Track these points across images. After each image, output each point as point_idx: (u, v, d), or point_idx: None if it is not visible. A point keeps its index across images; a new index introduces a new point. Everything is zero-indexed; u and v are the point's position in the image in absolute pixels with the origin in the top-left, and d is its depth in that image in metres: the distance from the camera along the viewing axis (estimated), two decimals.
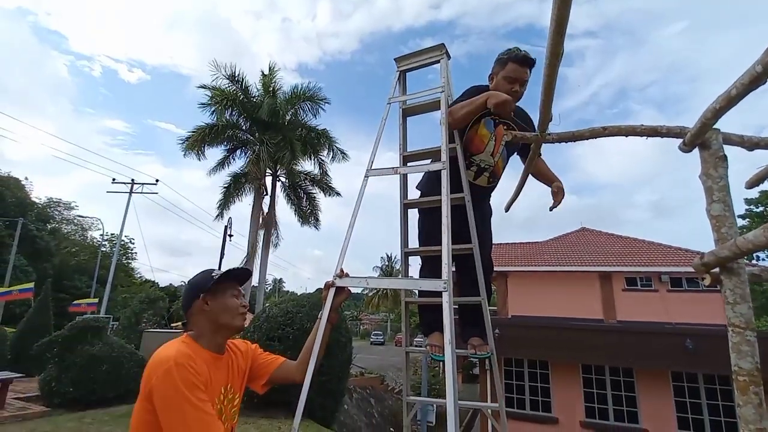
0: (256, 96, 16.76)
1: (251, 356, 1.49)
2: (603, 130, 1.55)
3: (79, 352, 6.86)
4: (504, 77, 2.16)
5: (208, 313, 1.30)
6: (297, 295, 9.78)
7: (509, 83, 2.14)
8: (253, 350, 1.52)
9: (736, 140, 1.45)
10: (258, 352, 1.53)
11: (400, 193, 2.36)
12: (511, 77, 2.14)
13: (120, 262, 24.48)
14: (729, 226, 1.30)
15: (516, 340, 10.43)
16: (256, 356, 1.51)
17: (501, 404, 2.20)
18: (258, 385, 1.50)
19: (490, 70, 2.30)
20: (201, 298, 1.30)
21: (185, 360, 1.13)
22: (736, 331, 1.25)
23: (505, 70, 2.15)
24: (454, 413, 1.25)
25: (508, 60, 2.15)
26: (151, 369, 1.13)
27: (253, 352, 1.52)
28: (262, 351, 1.56)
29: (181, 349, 1.18)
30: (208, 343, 1.29)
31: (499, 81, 2.18)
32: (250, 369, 1.47)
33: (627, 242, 16.59)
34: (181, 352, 1.17)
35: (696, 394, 9.62)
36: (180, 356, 1.14)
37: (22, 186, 35.52)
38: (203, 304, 1.30)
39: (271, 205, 17.53)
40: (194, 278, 1.37)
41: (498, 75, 2.20)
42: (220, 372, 1.28)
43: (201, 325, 1.31)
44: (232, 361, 1.37)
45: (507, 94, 2.11)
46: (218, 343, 1.32)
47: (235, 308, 1.34)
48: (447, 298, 1.50)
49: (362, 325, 61.15)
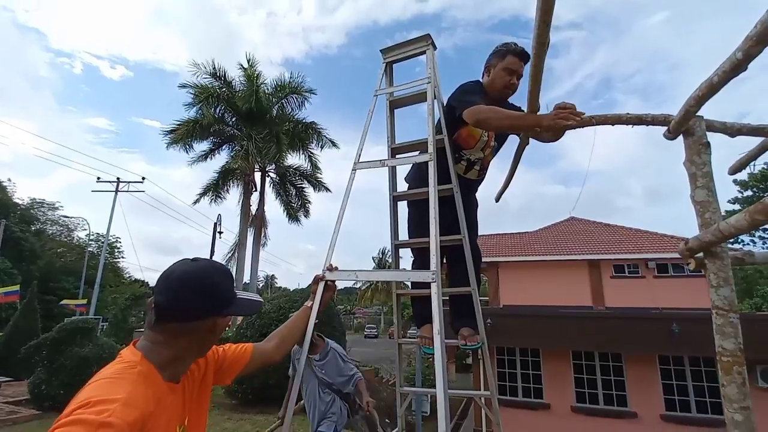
0: (240, 90, 16.55)
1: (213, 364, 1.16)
2: (590, 119, 1.56)
3: (68, 354, 6.78)
4: (503, 69, 2.18)
5: (204, 335, 0.96)
6: (290, 291, 9.76)
7: (508, 75, 2.17)
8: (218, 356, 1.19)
9: (718, 127, 1.48)
10: (223, 355, 1.21)
11: (389, 186, 2.36)
12: (511, 69, 2.17)
13: (107, 261, 24.14)
14: (712, 212, 1.32)
15: (508, 329, 10.55)
16: (221, 360, 1.19)
17: (493, 392, 2.23)
18: (226, 380, 1.23)
19: (484, 62, 2.30)
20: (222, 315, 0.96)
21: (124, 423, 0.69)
22: (720, 313, 1.28)
23: (505, 62, 2.17)
24: (444, 402, 1.26)
25: (507, 53, 2.18)
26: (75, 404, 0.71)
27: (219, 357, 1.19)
28: (225, 348, 1.24)
29: (133, 395, 0.76)
30: (168, 374, 0.91)
31: (497, 73, 2.20)
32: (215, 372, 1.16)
33: (615, 230, 16.85)
34: (129, 401, 0.73)
35: (682, 377, 9.87)
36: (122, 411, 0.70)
37: (3, 187, 34.70)
38: (213, 325, 0.96)
39: (260, 201, 17.41)
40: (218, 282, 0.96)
41: (496, 67, 2.21)
42: (175, 407, 0.92)
43: (179, 348, 0.92)
44: (188, 385, 1.00)
45: (505, 85, 2.18)
46: (180, 373, 0.96)
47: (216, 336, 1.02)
48: (435, 288, 1.51)
49: (356, 319, 61.29)
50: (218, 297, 0.95)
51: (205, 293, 0.93)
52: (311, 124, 17.33)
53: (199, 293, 0.92)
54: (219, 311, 0.95)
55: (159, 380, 0.87)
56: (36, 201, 39.00)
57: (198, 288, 0.92)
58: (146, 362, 0.86)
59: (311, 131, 17.30)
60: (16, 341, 9.17)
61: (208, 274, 0.95)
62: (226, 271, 1.01)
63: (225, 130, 17.08)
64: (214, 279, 0.95)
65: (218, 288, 0.95)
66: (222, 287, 0.97)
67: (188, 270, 0.94)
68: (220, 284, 0.96)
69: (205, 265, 0.98)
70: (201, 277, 0.94)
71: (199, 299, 0.92)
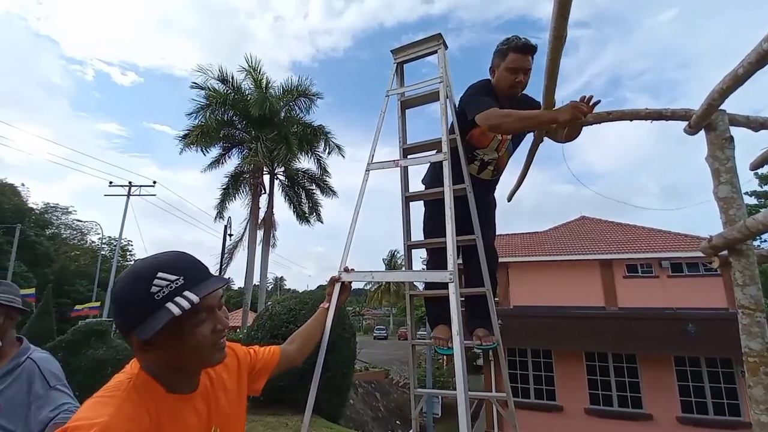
0: (248, 94, 16.68)
1: (248, 367, 1.13)
2: (607, 115, 1.53)
3: (83, 357, 6.84)
4: (506, 69, 2.06)
5: (157, 358, 0.81)
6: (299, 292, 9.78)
7: (512, 74, 2.05)
8: (251, 358, 1.16)
9: (741, 121, 1.44)
10: (255, 358, 1.17)
11: (401, 186, 2.34)
12: (513, 68, 2.04)
13: (119, 264, 24.46)
14: (737, 208, 1.29)
15: (518, 330, 10.48)
16: (254, 362, 1.16)
17: (508, 393, 2.21)
18: (258, 385, 1.18)
19: (490, 63, 2.22)
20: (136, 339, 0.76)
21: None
22: (746, 312, 1.25)
23: (507, 61, 2.05)
24: (465, 404, 1.24)
25: (508, 50, 2.05)
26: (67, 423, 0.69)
27: (252, 360, 1.16)
28: (257, 350, 1.21)
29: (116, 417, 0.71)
30: (173, 386, 0.83)
31: (501, 73, 2.10)
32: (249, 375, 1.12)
33: (627, 229, 16.61)
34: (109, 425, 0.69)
35: (699, 378, 9.70)
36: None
37: (18, 192, 35.36)
38: (142, 348, 0.79)
39: (269, 203, 17.51)
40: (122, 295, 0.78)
41: (499, 67, 2.10)
42: (194, 416, 0.86)
43: (164, 359, 0.81)
44: (212, 391, 0.93)
45: (511, 84, 2.07)
46: (189, 384, 0.88)
47: (205, 344, 0.82)
48: (453, 289, 1.49)
49: (365, 320, 61.27)
50: (121, 316, 0.77)
51: (116, 310, 0.78)
52: (319, 127, 17.40)
53: (115, 309, 0.79)
54: (127, 333, 0.76)
55: (160, 392, 0.81)
56: (50, 205, 39.71)
57: (113, 302, 0.79)
58: (143, 375, 0.81)
59: (319, 134, 17.38)
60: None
61: (119, 283, 0.79)
62: (136, 277, 0.78)
63: (234, 133, 17.23)
64: (117, 292, 0.78)
65: (119, 304, 0.78)
66: (121, 302, 0.77)
67: (117, 281, 0.81)
68: (119, 299, 0.77)
69: (125, 274, 0.81)
70: (116, 287, 0.80)
71: (118, 318, 0.78)
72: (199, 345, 0.80)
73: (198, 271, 0.82)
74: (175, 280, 0.77)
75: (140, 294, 0.75)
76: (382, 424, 13.32)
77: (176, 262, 0.81)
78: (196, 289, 0.78)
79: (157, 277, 0.76)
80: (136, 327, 0.74)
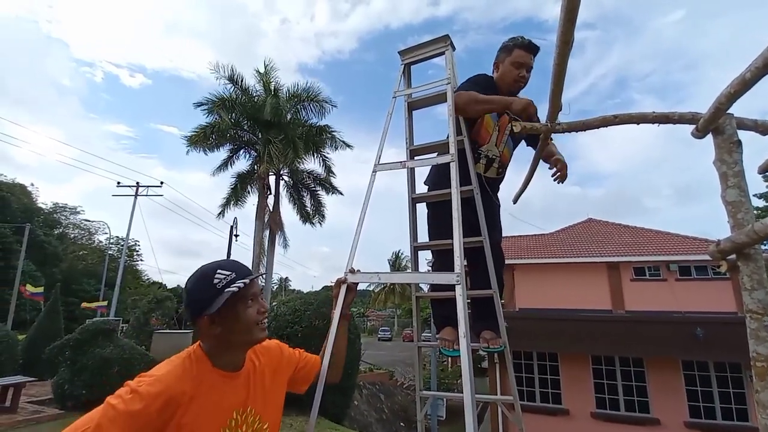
0: (257, 96, 16.80)
1: (293, 364, 1.33)
2: (614, 119, 1.53)
3: (90, 355, 6.92)
4: (511, 63, 2.21)
5: (218, 333, 1.04)
6: (304, 293, 9.82)
7: (516, 68, 2.20)
8: (297, 358, 1.36)
9: (749, 125, 1.43)
10: (305, 360, 1.38)
11: (408, 188, 2.35)
12: (519, 62, 2.19)
13: (127, 264, 24.68)
14: (745, 212, 1.28)
15: (524, 332, 10.41)
16: (302, 363, 1.36)
17: (515, 396, 2.20)
18: (303, 386, 1.38)
19: (494, 59, 2.34)
20: (206, 317, 1.02)
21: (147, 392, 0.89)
22: (755, 317, 1.24)
23: (512, 56, 2.21)
24: (472, 406, 1.25)
25: (514, 47, 2.21)
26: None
27: (298, 359, 1.35)
28: (302, 353, 1.40)
29: (168, 374, 0.96)
30: (221, 361, 1.06)
31: (506, 67, 2.24)
32: (295, 372, 1.32)
33: (634, 232, 16.49)
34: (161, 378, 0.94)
35: (707, 383, 9.59)
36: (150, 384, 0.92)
37: (27, 192, 35.83)
38: (209, 325, 1.03)
39: (275, 204, 17.58)
40: (193, 288, 1.05)
41: (504, 61, 2.25)
42: (232, 393, 1.06)
43: (210, 342, 1.06)
44: (253, 378, 1.13)
45: (515, 79, 2.22)
46: (234, 361, 1.10)
47: (252, 321, 1.07)
48: (460, 291, 1.50)
49: (369, 322, 61.24)
50: (195, 306, 1.03)
51: (188, 299, 1.05)
52: (325, 127, 17.46)
53: (186, 305, 1.06)
54: (198, 315, 1.02)
55: (207, 366, 1.03)
56: (59, 205, 40.20)
57: (186, 302, 1.06)
58: (199, 350, 1.06)
59: (325, 134, 17.44)
60: (41, 342, 9.42)
61: (190, 281, 1.07)
62: (203, 278, 1.05)
63: (241, 134, 17.35)
64: (192, 293, 1.05)
65: (196, 301, 1.03)
66: (197, 301, 1.03)
67: (188, 280, 1.09)
68: (197, 298, 1.03)
69: (194, 274, 1.08)
70: (186, 294, 1.06)
71: (188, 304, 1.05)
72: (248, 321, 1.06)
73: (243, 269, 1.09)
74: (230, 274, 1.04)
75: (206, 286, 1.02)
76: (386, 426, 13.30)
77: (229, 264, 1.09)
78: (244, 279, 1.04)
79: (217, 273, 1.04)
80: (205, 308, 1.00)
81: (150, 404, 0.88)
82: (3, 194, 31.49)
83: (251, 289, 1.07)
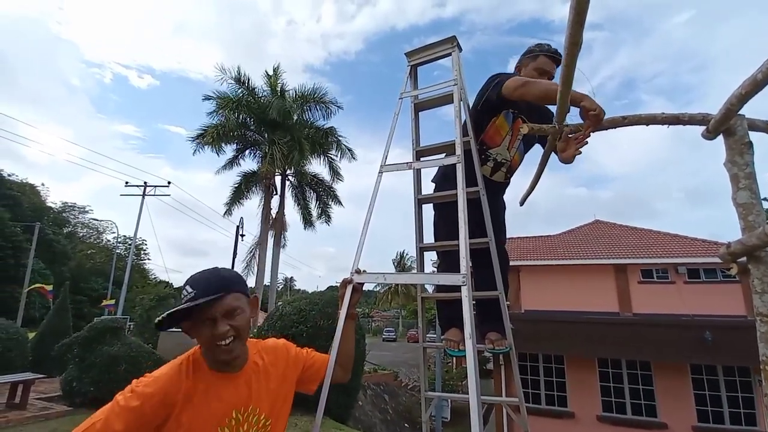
0: (263, 97, 16.87)
1: (300, 364, 1.33)
2: (623, 120, 1.52)
3: (98, 353, 6.98)
4: (535, 68, 2.22)
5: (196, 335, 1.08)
6: (309, 293, 9.84)
7: (539, 75, 2.20)
8: (305, 357, 1.36)
9: (761, 126, 1.42)
10: (312, 360, 1.38)
11: (413, 189, 2.35)
12: (543, 69, 2.21)
13: (134, 263, 24.88)
14: (756, 214, 1.27)
15: (530, 334, 10.35)
16: (309, 363, 1.36)
17: (520, 398, 2.19)
18: (312, 386, 1.39)
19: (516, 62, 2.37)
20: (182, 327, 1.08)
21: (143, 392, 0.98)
22: (765, 320, 1.22)
23: (537, 62, 2.23)
24: (477, 408, 1.24)
25: (540, 53, 2.24)
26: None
27: (306, 359, 1.36)
28: (310, 353, 1.41)
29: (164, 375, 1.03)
30: (215, 364, 1.09)
31: (528, 72, 2.24)
32: (303, 373, 1.32)
33: (642, 234, 16.34)
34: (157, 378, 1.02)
35: (715, 387, 9.47)
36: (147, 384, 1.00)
37: (37, 191, 36.28)
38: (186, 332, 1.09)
39: (281, 204, 17.65)
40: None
41: (528, 66, 2.26)
42: (231, 393, 1.08)
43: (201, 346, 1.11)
44: (255, 377, 1.15)
45: None
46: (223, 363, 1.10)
47: (206, 342, 1.06)
48: (466, 292, 1.49)
49: (373, 322, 61.19)
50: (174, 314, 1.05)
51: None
52: (330, 129, 17.51)
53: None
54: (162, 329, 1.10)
55: (204, 368, 1.08)
56: (67, 204, 40.67)
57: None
58: (197, 352, 1.10)
59: (331, 137, 17.49)
60: (50, 340, 9.52)
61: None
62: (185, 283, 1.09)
63: (247, 135, 17.44)
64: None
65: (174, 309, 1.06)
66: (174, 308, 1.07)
67: None
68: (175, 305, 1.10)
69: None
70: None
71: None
72: (203, 342, 1.07)
73: (210, 287, 1.05)
74: (191, 292, 1.04)
75: (181, 296, 1.07)
76: (391, 427, 13.27)
77: (199, 280, 1.07)
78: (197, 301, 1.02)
79: (185, 287, 1.06)
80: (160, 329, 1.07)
81: (145, 403, 0.96)
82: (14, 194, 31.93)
83: (208, 312, 1.03)
